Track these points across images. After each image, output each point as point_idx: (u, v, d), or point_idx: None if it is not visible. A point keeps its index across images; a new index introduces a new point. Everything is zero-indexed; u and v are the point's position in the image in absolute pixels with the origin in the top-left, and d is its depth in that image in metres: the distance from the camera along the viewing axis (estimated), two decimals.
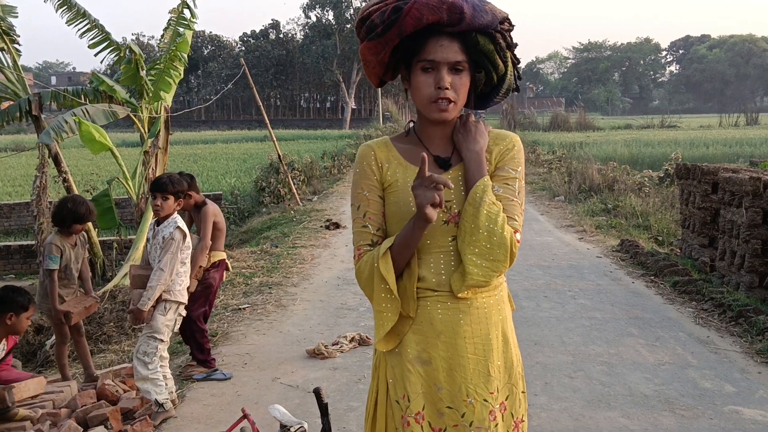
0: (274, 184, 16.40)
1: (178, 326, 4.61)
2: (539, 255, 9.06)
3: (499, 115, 43.60)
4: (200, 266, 5.09)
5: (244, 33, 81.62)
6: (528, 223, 11.59)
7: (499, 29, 1.90)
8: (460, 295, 1.90)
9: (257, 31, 77.67)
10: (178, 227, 4.40)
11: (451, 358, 1.93)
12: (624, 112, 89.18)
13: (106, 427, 4.20)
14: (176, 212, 4.54)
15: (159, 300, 4.36)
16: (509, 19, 1.95)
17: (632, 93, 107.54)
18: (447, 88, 1.85)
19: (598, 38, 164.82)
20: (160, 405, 4.29)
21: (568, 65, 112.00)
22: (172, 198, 4.43)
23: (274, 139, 15.63)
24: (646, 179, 15.33)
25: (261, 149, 31.21)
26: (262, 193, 16.66)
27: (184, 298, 4.53)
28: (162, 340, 4.39)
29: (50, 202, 8.75)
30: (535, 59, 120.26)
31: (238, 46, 78.79)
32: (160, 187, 4.43)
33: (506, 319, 2.02)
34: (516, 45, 1.97)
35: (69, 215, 4.82)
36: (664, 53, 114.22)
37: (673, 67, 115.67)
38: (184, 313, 4.59)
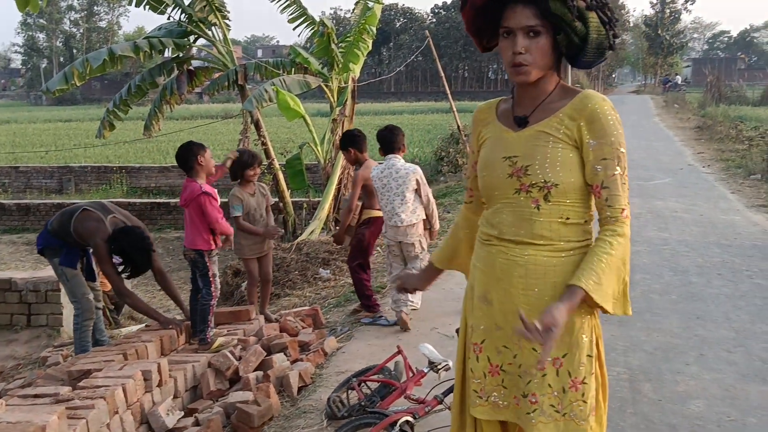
0: (453, 153, 16.82)
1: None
2: (720, 233, 8.62)
3: (703, 88, 40.38)
4: (349, 224, 5.81)
5: (435, 5, 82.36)
6: (715, 201, 10.97)
7: None
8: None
9: (448, 3, 78.06)
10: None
11: (506, 303, 2.08)
12: None
13: (285, 354, 4.88)
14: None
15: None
16: None
17: None
18: (521, 53, 1.96)
19: None
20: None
21: None
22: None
23: (455, 109, 15.98)
24: None
25: (445, 120, 31.53)
26: (440, 162, 17.16)
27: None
28: None
29: None
30: (748, 27, 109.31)
31: (430, 18, 79.73)
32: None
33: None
34: (606, 4, 1.98)
35: (235, 165, 5.78)
36: None
37: None
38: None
